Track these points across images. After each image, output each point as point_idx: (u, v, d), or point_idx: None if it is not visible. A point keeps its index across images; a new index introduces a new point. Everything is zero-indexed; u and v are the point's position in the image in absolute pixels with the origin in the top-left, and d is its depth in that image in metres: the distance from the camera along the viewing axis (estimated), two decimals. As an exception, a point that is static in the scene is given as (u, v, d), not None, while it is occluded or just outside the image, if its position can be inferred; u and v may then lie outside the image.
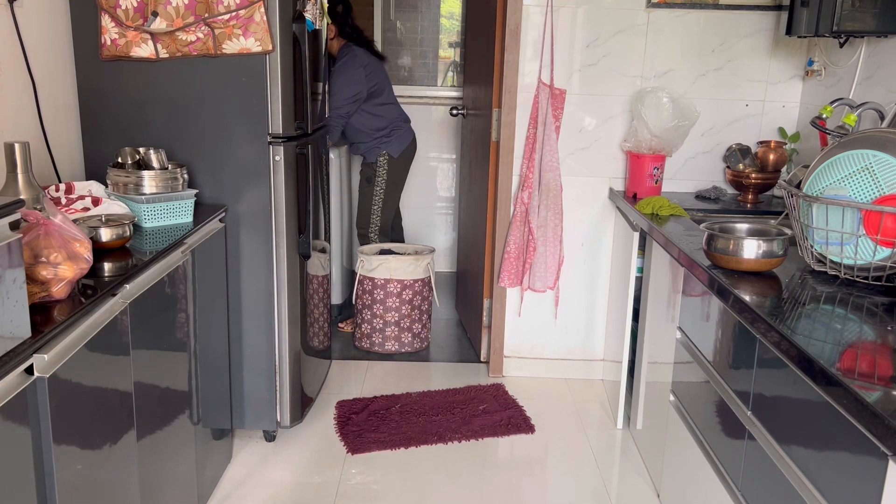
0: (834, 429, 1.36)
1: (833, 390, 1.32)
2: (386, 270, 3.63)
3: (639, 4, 3.09)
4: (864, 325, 1.62)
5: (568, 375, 3.47)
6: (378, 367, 3.55)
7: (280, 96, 2.48)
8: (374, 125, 3.83)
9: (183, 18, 2.35)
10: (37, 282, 1.50)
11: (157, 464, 1.96)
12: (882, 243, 1.78)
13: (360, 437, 2.88)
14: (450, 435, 2.92)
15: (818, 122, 2.39)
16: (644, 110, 3.00)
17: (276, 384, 2.72)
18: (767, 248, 1.90)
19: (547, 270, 3.29)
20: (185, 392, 2.17)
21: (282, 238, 2.60)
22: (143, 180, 2.24)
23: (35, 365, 1.35)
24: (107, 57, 2.42)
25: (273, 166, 2.53)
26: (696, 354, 2.13)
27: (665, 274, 2.50)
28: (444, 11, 4.95)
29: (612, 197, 3.24)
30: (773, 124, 3.17)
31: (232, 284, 2.59)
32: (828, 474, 1.39)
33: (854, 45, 2.67)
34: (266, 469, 2.68)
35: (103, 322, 1.59)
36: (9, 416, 1.28)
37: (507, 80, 3.17)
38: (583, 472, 2.74)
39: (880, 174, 1.80)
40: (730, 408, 1.86)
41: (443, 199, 5.03)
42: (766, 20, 3.08)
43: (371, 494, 2.56)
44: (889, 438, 1.15)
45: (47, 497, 1.43)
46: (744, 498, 1.78)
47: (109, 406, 1.67)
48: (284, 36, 2.45)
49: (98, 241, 1.87)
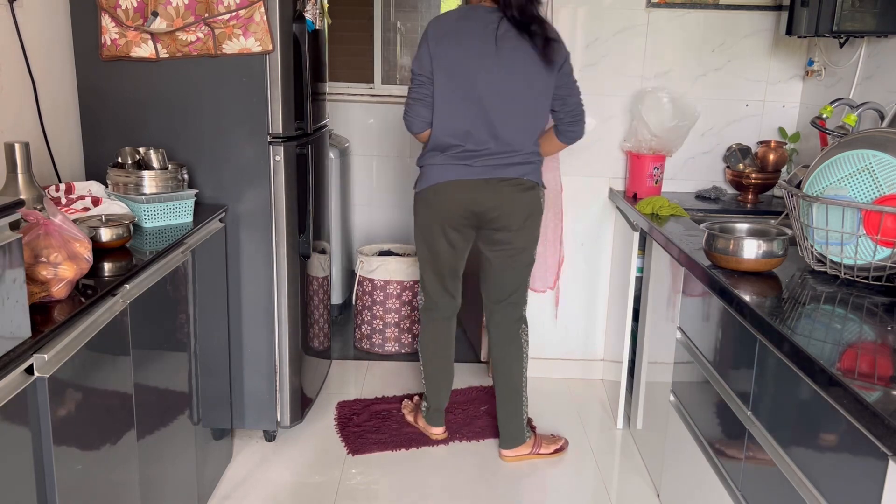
0: (834, 429, 1.36)
1: (833, 390, 1.32)
2: (385, 272, 3.63)
3: (639, 4, 3.08)
4: (864, 325, 1.63)
5: (568, 375, 3.47)
6: (378, 368, 3.55)
7: (280, 96, 2.48)
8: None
9: (183, 18, 2.35)
10: (37, 282, 1.50)
11: (157, 464, 1.96)
12: (882, 243, 1.78)
13: (361, 438, 2.88)
14: (451, 436, 2.92)
15: (818, 122, 2.39)
16: (644, 110, 2.99)
17: (276, 384, 2.72)
18: (767, 248, 1.90)
19: (547, 270, 3.29)
20: (185, 392, 2.17)
21: (282, 238, 2.60)
22: (144, 180, 2.24)
23: (35, 365, 1.35)
24: (107, 57, 2.42)
25: (273, 166, 2.53)
26: (697, 354, 2.13)
27: (665, 274, 2.50)
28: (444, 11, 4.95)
29: (612, 197, 3.24)
30: (773, 124, 3.17)
31: (232, 284, 2.59)
32: (828, 474, 1.39)
33: (854, 45, 2.67)
34: (266, 469, 2.68)
35: (103, 322, 1.59)
36: (9, 416, 1.28)
37: (507, 80, 3.16)
38: (583, 472, 2.74)
39: (880, 174, 1.80)
40: (730, 408, 1.86)
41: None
42: (766, 20, 3.08)
43: (371, 494, 2.56)
44: (889, 438, 1.15)
45: (47, 497, 1.43)
46: (744, 498, 1.78)
47: (109, 406, 1.67)
48: (284, 36, 2.45)
49: (98, 241, 1.87)
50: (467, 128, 2.45)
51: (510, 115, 2.45)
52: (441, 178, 2.51)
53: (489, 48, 2.40)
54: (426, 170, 2.55)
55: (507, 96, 2.44)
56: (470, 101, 2.43)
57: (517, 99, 2.45)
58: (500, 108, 2.44)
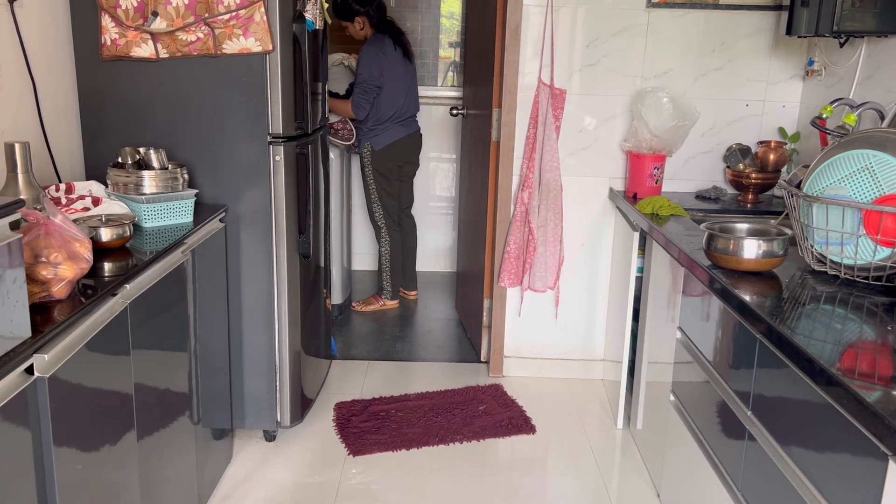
0: (834, 429, 1.36)
1: (833, 390, 1.32)
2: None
3: (639, 4, 3.08)
4: (864, 325, 1.63)
5: (568, 375, 3.47)
6: (378, 368, 3.55)
7: (280, 96, 2.48)
8: (372, 115, 4.01)
9: (183, 18, 2.35)
10: (37, 282, 1.50)
11: (157, 464, 1.96)
12: (882, 243, 1.78)
13: (361, 439, 2.88)
14: (451, 436, 2.92)
15: (818, 122, 2.39)
16: (644, 110, 3.00)
17: (277, 384, 2.72)
18: (767, 248, 1.90)
19: (547, 270, 3.29)
20: (186, 392, 2.17)
21: (282, 238, 2.60)
22: (144, 180, 2.24)
23: (35, 365, 1.35)
24: (107, 57, 2.42)
25: (273, 166, 2.53)
26: (697, 354, 2.13)
27: (665, 274, 2.50)
28: (444, 11, 4.95)
29: (613, 197, 3.24)
30: (773, 124, 3.17)
31: (232, 284, 2.59)
32: (828, 474, 1.39)
33: (854, 45, 2.67)
34: (266, 469, 2.68)
35: (103, 322, 1.59)
36: (9, 417, 1.28)
37: (507, 80, 3.17)
38: (583, 472, 2.74)
39: (880, 174, 1.80)
40: (730, 408, 1.86)
41: (443, 199, 5.03)
42: (766, 20, 3.08)
43: (371, 495, 2.56)
44: (889, 438, 1.16)
45: (47, 497, 1.43)
46: (744, 498, 1.78)
47: (110, 406, 1.67)
48: (284, 36, 2.45)
49: (98, 241, 1.87)
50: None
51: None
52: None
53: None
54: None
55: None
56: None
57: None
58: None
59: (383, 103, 3.97)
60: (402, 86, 4.02)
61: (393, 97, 3.98)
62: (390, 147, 4.06)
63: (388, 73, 3.94)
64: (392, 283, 4.28)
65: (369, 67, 3.91)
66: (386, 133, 4.04)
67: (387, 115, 4.00)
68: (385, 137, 4.04)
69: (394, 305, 4.32)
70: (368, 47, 3.95)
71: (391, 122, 4.03)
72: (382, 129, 4.02)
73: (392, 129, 4.04)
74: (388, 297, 4.29)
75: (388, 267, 4.24)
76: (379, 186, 4.11)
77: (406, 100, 4.06)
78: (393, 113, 4.01)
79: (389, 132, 4.04)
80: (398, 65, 3.99)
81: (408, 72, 4.06)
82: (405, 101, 4.05)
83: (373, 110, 3.99)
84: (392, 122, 4.04)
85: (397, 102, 4.00)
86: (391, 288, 4.28)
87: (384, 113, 3.99)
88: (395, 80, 3.98)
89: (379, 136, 4.03)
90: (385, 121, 4.01)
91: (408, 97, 4.07)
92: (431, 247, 5.04)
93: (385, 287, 4.28)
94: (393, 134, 4.05)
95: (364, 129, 4.05)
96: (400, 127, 4.07)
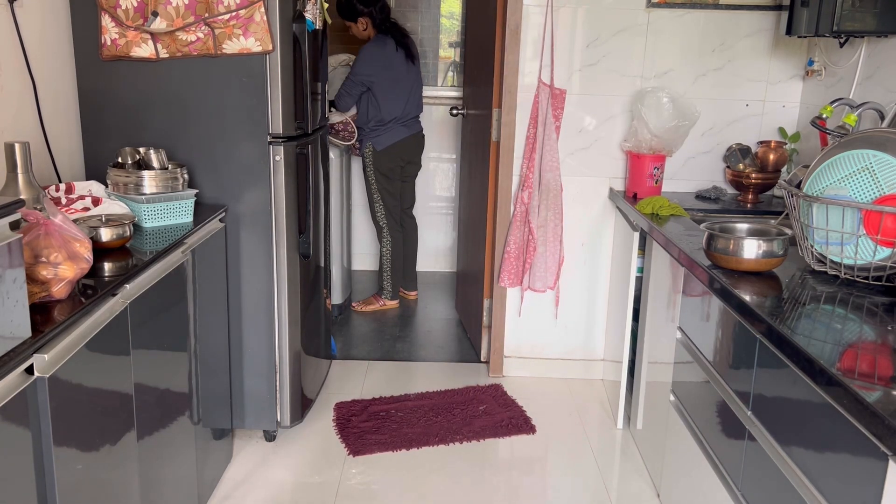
0: (834, 429, 1.36)
1: (833, 390, 1.32)
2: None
3: (639, 4, 3.08)
4: (864, 325, 1.63)
5: (568, 375, 3.47)
6: (378, 368, 3.55)
7: (280, 96, 2.48)
8: (373, 116, 4.02)
9: (183, 18, 2.35)
10: (37, 282, 1.50)
11: (157, 464, 1.96)
12: (882, 243, 1.78)
13: (361, 439, 2.88)
14: (451, 436, 2.92)
15: (818, 122, 2.39)
16: (644, 110, 3.00)
17: (277, 384, 2.72)
18: (767, 248, 1.90)
19: (547, 270, 3.29)
20: (186, 392, 2.17)
21: (282, 238, 2.60)
22: (144, 180, 2.24)
23: (35, 365, 1.35)
24: (107, 57, 2.42)
25: (273, 166, 2.53)
26: (697, 354, 2.13)
27: (665, 274, 2.50)
28: (444, 11, 4.95)
29: (613, 197, 3.24)
30: (773, 124, 3.17)
31: (232, 284, 2.59)
32: (828, 474, 1.39)
33: (854, 45, 2.67)
34: (266, 469, 2.68)
35: (103, 322, 1.59)
36: (9, 417, 1.28)
37: (507, 80, 3.17)
38: (583, 472, 2.74)
39: (880, 174, 1.80)
40: (730, 408, 1.86)
41: (443, 199, 5.03)
42: (766, 20, 3.08)
43: (371, 495, 2.56)
44: (889, 438, 1.16)
45: (47, 497, 1.43)
46: (744, 498, 1.78)
47: (110, 406, 1.67)
48: (284, 36, 2.45)
49: (98, 241, 1.87)
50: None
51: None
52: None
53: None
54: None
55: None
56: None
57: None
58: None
59: (384, 105, 3.97)
60: (404, 88, 4.02)
61: (394, 99, 3.98)
62: (392, 147, 4.06)
63: (385, 74, 3.94)
64: (392, 284, 4.28)
65: (362, 65, 3.93)
66: (388, 133, 4.04)
67: (389, 118, 4.00)
68: (387, 138, 4.04)
69: (394, 305, 4.32)
70: (368, 47, 3.96)
71: (394, 123, 4.04)
72: (385, 130, 4.03)
73: (394, 130, 4.05)
74: (388, 297, 4.29)
75: (389, 267, 4.25)
76: (381, 186, 4.12)
77: (408, 102, 4.06)
78: (395, 116, 4.01)
79: (391, 133, 4.04)
80: (399, 67, 3.99)
81: (410, 73, 4.05)
82: (407, 103, 4.05)
83: (374, 111, 3.99)
84: (395, 123, 4.04)
85: (399, 105, 4.01)
86: (391, 288, 4.29)
87: (386, 115, 3.99)
88: (396, 82, 3.98)
89: (381, 137, 4.04)
90: (387, 122, 4.02)
91: (410, 99, 4.07)
92: (431, 247, 5.04)
93: (385, 287, 4.28)
94: (395, 134, 4.05)
95: (366, 129, 4.06)
96: (402, 127, 4.07)
